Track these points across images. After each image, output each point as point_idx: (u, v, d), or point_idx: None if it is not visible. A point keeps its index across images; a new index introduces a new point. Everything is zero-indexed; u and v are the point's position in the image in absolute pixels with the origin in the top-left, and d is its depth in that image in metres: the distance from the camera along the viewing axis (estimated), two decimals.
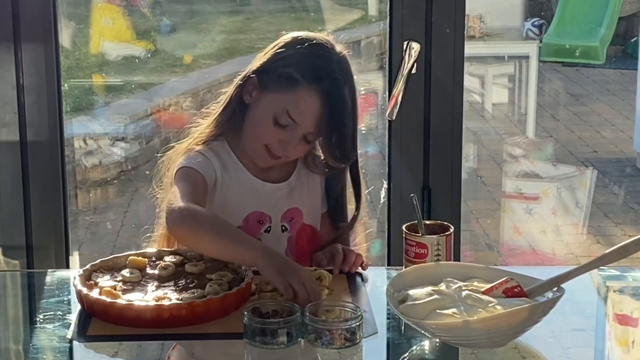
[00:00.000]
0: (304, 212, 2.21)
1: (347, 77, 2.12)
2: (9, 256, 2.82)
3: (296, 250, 2.21)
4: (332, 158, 2.16)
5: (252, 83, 2.14)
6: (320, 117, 2.08)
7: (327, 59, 2.11)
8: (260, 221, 2.17)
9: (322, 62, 2.10)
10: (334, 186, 2.26)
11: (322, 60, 2.11)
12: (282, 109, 2.08)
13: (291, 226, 2.20)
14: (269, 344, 1.73)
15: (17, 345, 1.90)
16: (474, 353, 1.79)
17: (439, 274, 1.87)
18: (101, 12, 5.28)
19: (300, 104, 2.08)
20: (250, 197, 2.17)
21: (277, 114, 2.09)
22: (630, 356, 1.89)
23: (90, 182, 5.00)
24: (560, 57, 5.71)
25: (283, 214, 2.19)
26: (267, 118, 2.10)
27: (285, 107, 2.08)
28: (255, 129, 2.13)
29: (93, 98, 5.39)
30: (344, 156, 2.15)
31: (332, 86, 2.08)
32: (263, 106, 2.12)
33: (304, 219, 2.22)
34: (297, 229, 2.21)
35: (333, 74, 2.09)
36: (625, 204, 5.28)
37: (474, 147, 5.43)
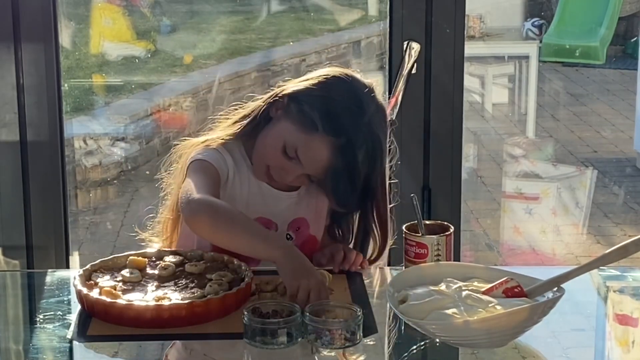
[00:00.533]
0: (311, 223, 2.21)
1: (372, 135, 2.07)
2: (9, 256, 2.82)
3: None
4: (334, 204, 2.15)
5: (282, 103, 2.12)
6: (326, 168, 2.06)
7: (355, 115, 2.07)
8: (267, 228, 2.16)
9: (348, 118, 2.07)
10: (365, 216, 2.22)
11: (349, 115, 2.07)
12: (293, 144, 2.07)
13: (296, 236, 2.19)
14: (269, 344, 1.73)
15: (17, 345, 1.90)
16: (474, 353, 1.79)
17: (439, 274, 1.87)
18: (101, 12, 5.28)
19: (310, 149, 2.06)
20: (258, 201, 2.16)
21: (287, 145, 2.07)
22: (630, 356, 1.89)
23: (90, 182, 5.00)
24: (560, 57, 5.71)
25: (290, 223, 2.18)
26: (278, 143, 2.09)
27: (296, 144, 2.07)
28: (264, 147, 2.12)
29: (93, 98, 5.39)
30: (346, 206, 2.14)
31: (348, 144, 2.05)
32: (279, 130, 2.10)
33: (310, 230, 2.21)
34: (302, 239, 2.19)
35: (354, 132, 2.06)
36: (625, 204, 5.28)
37: (474, 147, 5.43)
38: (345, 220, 2.25)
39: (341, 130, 2.05)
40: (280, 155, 2.09)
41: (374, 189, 2.13)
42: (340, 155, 2.05)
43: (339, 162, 2.05)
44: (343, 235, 2.26)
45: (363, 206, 2.17)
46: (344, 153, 2.05)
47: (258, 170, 2.15)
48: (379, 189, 2.14)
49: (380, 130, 2.10)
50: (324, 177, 2.08)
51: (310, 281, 1.86)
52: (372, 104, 2.10)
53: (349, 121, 2.06)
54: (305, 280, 1.86)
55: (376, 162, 2.10)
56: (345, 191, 2.09)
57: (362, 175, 2.08)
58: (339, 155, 2.05)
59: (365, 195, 2.13)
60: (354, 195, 2.10)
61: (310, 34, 6.00)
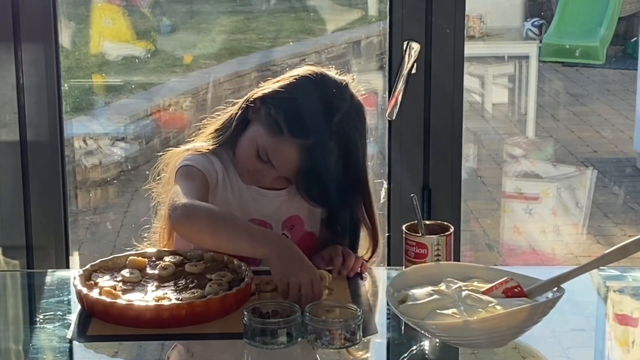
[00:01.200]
0: (305, 219, 2.21)
1: (344, 134, 2.07)
2: (9, 256, 2.82)
3: None
4: (309, 202, 2.14)
5: (255, 107, 2.14)
6: (297, 169, 2.07)
7: (323, 115, 2.07)
8: None
9: (315, 119, 2.07)
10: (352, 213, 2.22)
11: (316, 116, 2.07)
12: (264, 147, 2.09)
13: (292, 234, 2.19)
14: (269, 344, 1.73)
15: (17, 345, 1.90)
16: (474, 353, 1.79)
17: (439, 274, 1.87)
18: (101, 12, 5.28)
19: (278, 152, 2.08)
20: (249, 204, 2.17)
21: (259, 149, 2.09)
22: (630, 356, 1.89)
23: (90, 182, 4.99)
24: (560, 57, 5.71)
25: (283, 222, 2.19)
26: (252, 148, 2.11)
27: (266, 148, 2.08)
28: (241, 152, 2.14)
29: (93, 98, 5.39)
30: (322, 202, 2.15)
31: (316, 145, 2.05)
32: (252, 134, 2.12)
33: (305, 227, 2.21)
34: (298, 237, 2.19)
35: (323, 133, 2.06)
36: (625, 204, 5.28)
37: (474, 147, 5.43)
38: (342, 212, 2.23)
39: (308, 132, 2.05)
40: (254, 160, 2.10)
41: (355, 185, 2.13)
42: (309, 156, 2.05)
43: (309, 163, 2.06)
44: (342, 227, 2.24)
45: (345, 204, 2.17)
46: (312, 154, 2.05)
47: (242, 174, 2.16)
48: (361, 185, 2.14)
49: (353, 127, 2.09)
50: (296, 179, 2.09)
51: (300, 277, 1.86)
52: (344, 102, 2.10)
53: (316, 122, 2.06)
54: (295, 277, 1.87)
55: (351, 159, 2.10)
56: (319, 191, 2.10)
57: (335, 174, 2.08)
58: (307, 156, 2.05)
59: (349, 192, 2.13)
60: (328, 194, 2.10)
61: (310, 34, 6.00)
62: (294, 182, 2.11)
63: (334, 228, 2.25)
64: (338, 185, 2.10)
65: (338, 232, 2.24)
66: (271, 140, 2.08)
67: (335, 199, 2.13)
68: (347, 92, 2.12)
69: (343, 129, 2.08)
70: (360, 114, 2.13)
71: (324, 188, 2.10)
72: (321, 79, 2.12)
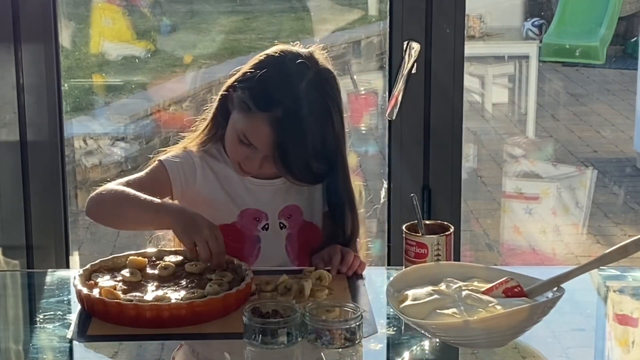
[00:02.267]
0: (303, 209, 2.21)
1: (314, 100, 2.08)
2: (9, 256, 2.82)
3: (298, 247, 2.21)
4: (295, 180, 2.14)
5: (230, 95, 2.16)
6: (273, 142, 2.08)
7: (288, 85, 2.09)
8: (257, 218, 2.18)
9: (278, 89, 2.09)
10: (333, 187, 2.24)
11: (280, 87, 2.09)
12: (241, 130, 2.11)
13: (290, 223, 2.20)
14: (269, 344, 1.73)
15: (17, 345, 1.90)
16: (474, 353, 1.79)
17: (439, 274, 1.87)
18: (101, 12, 5.27)
19: (252, 129, 2.10)
20: (243, 195, 2.18)
21: (239, 134, 2.12)
22: (630, 356, 1.89)
23: (90, 182, 4.99)
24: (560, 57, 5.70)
25: (280, 211, 2.20)
26: (233, 135, 2.14)
27: (243, 129, 2.10)
28: (227, 143, 2.17)
29: (93, 98, 5.39)
30: (307, 178, 2.14)
31: (284, 113, 2.06)
32: (231, 123, 2.15)
33: (304, 216, 2.22)
34: (297, 227, 2.21)
35: (290, 102, 2.07)
36: (625, 204, 5.28)
37: (474, 147, 5.43)
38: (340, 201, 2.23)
39: (274, 103, 2.07)
40: (238, 146, 2.12)
41: (333, 156, 2.13)
42: (281, 127, 2.06)
43: (283, 134, 2.07)
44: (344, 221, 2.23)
45: (324, 178, 2.17)
46: (284, 125, 2.06)
47: (235, 167, 2.17)
48: (337, 156, 2.14)
49: (323, 93, 2.10)
50: (274, 155, 2.09)
51: (203, 234, 1.91)
52: (309, 69, 2.10)
53: (282, 93, 2.08)
54: (198, 234, 1.91)
55: (326, 125, 2.10)
56: (298, 165, 2.09)
57: (312, 142, 2.08)
58: (279, 128, 2.07)
59: (329, 163, 2.13)
60: (308, 168, 2.10)
61: (310, 34, 6.00)
62: (274, 160, 2.10)
63: (337, 221, 2.24)
64: (317, 156, 2.10)
65: (340, 223, 2.23)
66: (244, 120, 2.10)
67: (316, 173, 2.12)
68: (312, 60, 2.13)
69: (312, 95, 2.09)
70: (329, 79, 2.14)
71: (303, 160, 2.09)
72: (284, 52, 2.15)
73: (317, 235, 2.23)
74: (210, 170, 2.19)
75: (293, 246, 2.21)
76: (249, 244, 2.18)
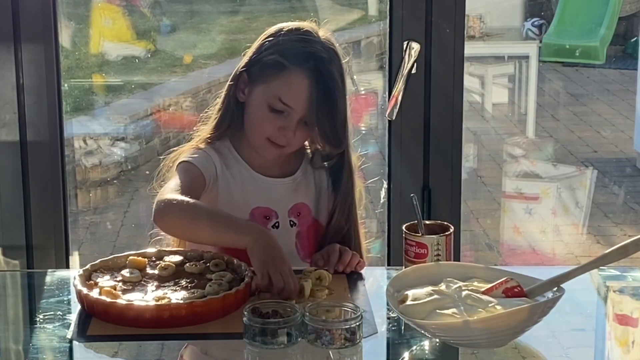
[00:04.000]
0: (312, 207, 2.22)
1: (333, 56, 2.14)
2: (9, 256, 2.82)
3: (307, 245, 2.22)
4: (326, 142, 2.17)
5: (243, 80, 2.18)
6: (311, 96, 2.10)
7: (310, 41, 2.14)
8: (267, 216, 2.18)
9: (305, 44, 2.13)
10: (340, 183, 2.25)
11: (304, 42, 2.13)
12: (274, 95, 2.11)
13: (299, 221, 2.21)
14: (269, 344, 1.73)
15: (17, 345, 1.90)
16: (474, 353, 1.79)
17: (439, 274, 1.87)
18: (101, 12, 5.28)
19: (289, 87, 2.11)
20: (254, 192, 2.18)
21: (270, 102, 2.12)
22: (630, 356, 1.89)
23: (90, 182, 4.99)
24: (560, 57, 5.71)
25: (290, 209, 2.20)
26: (263, 108, 2.13)
27: (277, 93, 2.11)
28: (254, 123, 2.16)
29: (93, 98, 5.39)
30: (337, 139, 2.16)
31: (318, 64, 2.11)
32: (256, 98, 2.15)
33: (313, 214, 2.22)
34: (307, 224, 2.22)
35: (318, 52, 2.12)
36: (625, 204, 5.28)
37: (474, 147, 5.43)
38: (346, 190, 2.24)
39: (305, 55, 2.11)
40: (271, 117, 2.12)
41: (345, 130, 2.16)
42: (317, 77, 2.10)
43: (319, 85, 2.10)
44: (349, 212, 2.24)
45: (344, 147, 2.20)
46: (319, 73, 2.10)
47: (263, 146, 2.15)
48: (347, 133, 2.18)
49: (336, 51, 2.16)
50: (313, 110, 2.10)
51: (279, 266, 1.89)
52: (317, 32, 2.16)
53: (307, 46, 2.12)
54: (273, 267, 1.89)
55: (345, 81, 2.15)
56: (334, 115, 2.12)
57: (342, 95, 2.13)
58: (315, 79, 2.10)
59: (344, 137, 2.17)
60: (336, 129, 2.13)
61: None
62: (311, 117, 2.11)
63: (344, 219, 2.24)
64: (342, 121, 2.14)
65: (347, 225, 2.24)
66: (278, 82, 2.11)
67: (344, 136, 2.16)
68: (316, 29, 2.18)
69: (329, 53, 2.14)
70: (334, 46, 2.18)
71: (334, 120, 2.12)
72: (289, 24, 2.19)
73: (323, 234, 2.24)
74: (226, 167, 2.19)
75: (303, 244, 2.21)
76: None
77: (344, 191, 2.23)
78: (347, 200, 2.23)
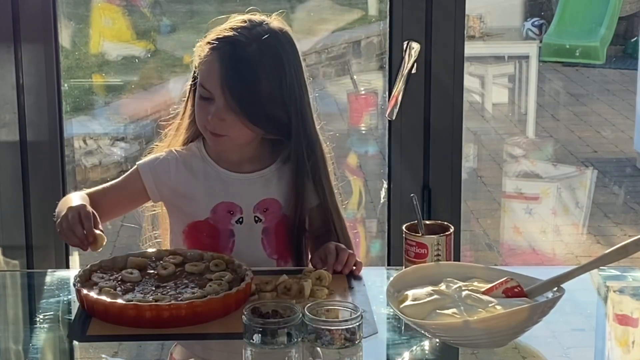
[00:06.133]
0: (283, 202, 2.22)
1: (260, 41, 2.14)
2: (9, 256, 2.82)
3: (275, 240, 2.22)
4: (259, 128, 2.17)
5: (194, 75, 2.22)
6: (222, 79, 2.12)
7: (235, 28, 2.17)
8: (231, 211, 2.19)
9: (229, 31, 2.16)
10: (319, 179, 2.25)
11: (230, 30, 2.17)
12: (200, 84, 2.16)
13: (266, 217, 2.21)
14: (269, 344, 1.73)
15: (17, 345, 1.90)
16: (474, 353, 1.79)
17: (439, 274, 1.87)
18: (101, 12, 5.27)
19: (205, 71, 2.15)
20: (218, 188, 2.20)
21: (200, 90, 2.16)
22: (630, 356, 1.89)
23: (90, 182, 4.99)
24: (560, 57, 5.70)
25: (256, 205, 2.20)
26: (197, 99, 2.18)
27: (200, 79, 2.16)
28: (196, 116, 2.21)
29: (93, 98, 5.39)
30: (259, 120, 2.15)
31: (230, 48, 2.13)
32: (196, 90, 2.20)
33: (283, 210, 2.22)
34: (275, 220, 2.22)
35: (233, 37, 2.14)
36: (625, 204, 5.28)
37: (474, 147, 5.43)
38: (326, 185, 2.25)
39: (221, 40, 2.15)
40: (202, 105, 2.16)
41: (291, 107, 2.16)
42: (230, 62, 2.12)
43: (232, 68, 2.11)
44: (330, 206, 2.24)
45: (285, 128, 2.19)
46: (233, 59, 2.12)
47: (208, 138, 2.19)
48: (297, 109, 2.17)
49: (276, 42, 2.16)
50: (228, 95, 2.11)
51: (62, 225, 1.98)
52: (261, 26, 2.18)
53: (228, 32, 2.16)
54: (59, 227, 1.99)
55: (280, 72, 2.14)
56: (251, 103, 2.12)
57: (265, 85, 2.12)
58: (228, 62, 2.12)
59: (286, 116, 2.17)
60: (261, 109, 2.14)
61: (310, 34, 6.00)
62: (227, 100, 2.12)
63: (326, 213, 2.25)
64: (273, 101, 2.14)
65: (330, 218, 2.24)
66: (201, 67, 2.16)
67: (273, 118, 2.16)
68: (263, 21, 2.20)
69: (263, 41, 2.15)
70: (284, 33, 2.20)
71: (256, 101, 2.13)
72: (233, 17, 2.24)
73: (299, 229, 2.23)
74: (184, 166, 2.22)
75: (270, 240, 2.22)
76: (223, 238, 2.19)
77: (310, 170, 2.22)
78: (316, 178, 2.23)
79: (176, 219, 2.24)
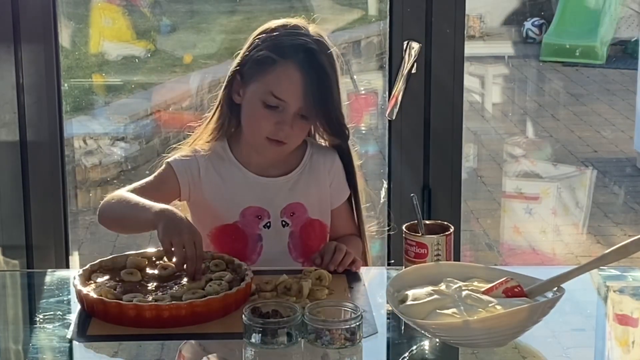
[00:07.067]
0: (309, 207, 2.22)
1: (323, 47, 2.15)
2: (9, 256, 2.82)
3: (301, 245, 2.22)
4: (328, 133, 2.21)
5: (237, 82, 2.19)
6: (304, 89, 2.11)
7: (298, 34, 2.15)
8: (259, 216, 2.18)
9: (293, 37, 2.14)
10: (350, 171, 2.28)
11: (292, 36, 2.15)
12: (267, 91, 2.12)
13: (293, 221, 2.20)
14: (269, 344, 1.73)
15: (17, 345, 1.90)
16: (474, 353, 1.79)
17: (439, 274, 1.87)
18: (101, 12, 5.27)
19: (281, 80, 2.12)
20: (246, 192, 2.19)
21: (264, 99, 2.12)
22: (630, 356, 1.89)
23: (90, 182, 4.99)
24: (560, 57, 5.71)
25: (283, 209, 2.20)
26: (257, 105, 2.14)
27: (269, 88, 2.12)
28: (252, 122, 2.17)
29: (93, 98, 5.38)
30: (339, 129, 2.19)
31: (308, 57, 2.11)
32: (250, 97, 2.16)
33: (310, 214, 2.22)
34: (301, 224, 2.21)
35: (307, 44, 2.13)
36: (625, 204, 5.28)
37: (474, 147, 5.43)
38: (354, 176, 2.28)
39: (294, 49, 2.12)
40: (267, 113, 2.13)
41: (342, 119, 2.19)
42: (307, 69, 2.10)
43: (310, 76, 2.10)
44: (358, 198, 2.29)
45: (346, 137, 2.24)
46: (309, 65, 2.11)
47: (263, 150, 2.17)
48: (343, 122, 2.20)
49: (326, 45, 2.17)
50: (308, 103, 2.11)
51: (182, 236, 1.91)
52: (306, 27, 2.19)
53: (296, 39, 2.14)
54: (177, 237, 1.90)
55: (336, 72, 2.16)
56: (330, 106, 2.14)
57: (336, 86, 2.14)
58: (306, 71, 2.10)
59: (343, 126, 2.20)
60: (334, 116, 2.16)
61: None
62: (307, 107, 2.12)
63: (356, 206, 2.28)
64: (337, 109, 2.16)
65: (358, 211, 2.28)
66: (269, 76, 2.12)
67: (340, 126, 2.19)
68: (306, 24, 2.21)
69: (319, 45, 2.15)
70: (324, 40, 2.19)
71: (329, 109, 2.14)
72: (277, 21, 2.22)
73: (323, 233, 2.24)
74: (213, 169, 2.20)
75: (296, 244, 2.21)
76: (251, 242, 2.19)
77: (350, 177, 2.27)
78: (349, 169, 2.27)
79: (201, 220, 2.19)
